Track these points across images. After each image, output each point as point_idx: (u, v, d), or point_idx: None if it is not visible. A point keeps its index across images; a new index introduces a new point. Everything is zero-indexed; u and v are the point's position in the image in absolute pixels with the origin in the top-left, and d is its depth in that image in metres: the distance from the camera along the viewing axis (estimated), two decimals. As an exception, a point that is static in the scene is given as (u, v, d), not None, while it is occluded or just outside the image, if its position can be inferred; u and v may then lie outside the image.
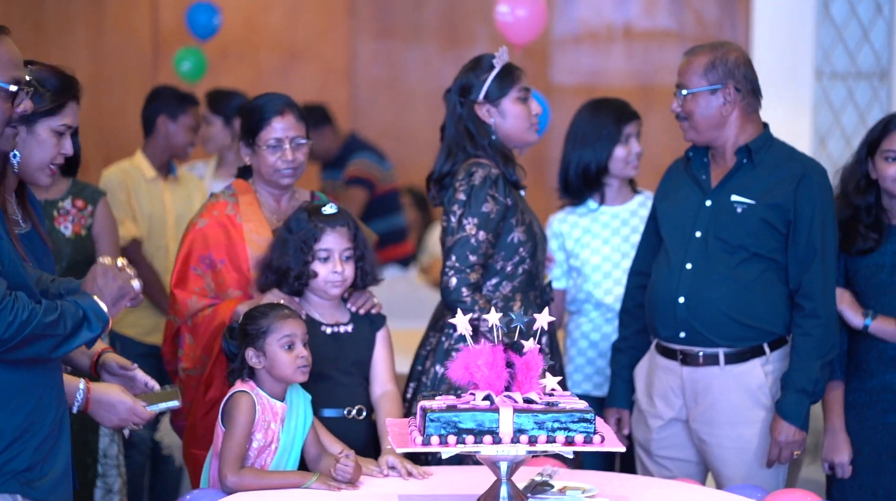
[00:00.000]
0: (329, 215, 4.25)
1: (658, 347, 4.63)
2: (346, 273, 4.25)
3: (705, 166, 4.62)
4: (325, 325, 4.26)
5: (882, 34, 7.98)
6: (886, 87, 7.90)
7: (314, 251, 4.22)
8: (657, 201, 4.72)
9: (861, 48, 7.99)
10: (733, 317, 4.47)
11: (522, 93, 4.58)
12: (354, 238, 4.28)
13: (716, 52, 4.49)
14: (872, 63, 7.98)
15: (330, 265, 4.23)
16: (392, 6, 9.54)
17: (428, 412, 3.39)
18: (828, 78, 7.99)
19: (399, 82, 9.45)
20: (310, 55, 9.48)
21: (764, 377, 4.49)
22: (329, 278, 4.23)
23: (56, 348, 3.18)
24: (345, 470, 3.77)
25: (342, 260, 4.24)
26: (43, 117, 3.55)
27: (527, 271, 4.55)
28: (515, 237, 4.52)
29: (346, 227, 4.27)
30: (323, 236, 4.23)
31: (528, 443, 3.40)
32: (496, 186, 4.47)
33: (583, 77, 9.11)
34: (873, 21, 7.97)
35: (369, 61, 9.55)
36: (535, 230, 4.58)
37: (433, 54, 9.45)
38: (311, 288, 4.27)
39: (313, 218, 4.25)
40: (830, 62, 7.99)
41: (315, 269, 4.23)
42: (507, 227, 4.50)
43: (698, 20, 9.01)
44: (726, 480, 4.48)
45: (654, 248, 4.70)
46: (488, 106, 4.57)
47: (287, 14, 9.53)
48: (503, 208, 4.48)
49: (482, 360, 3.47)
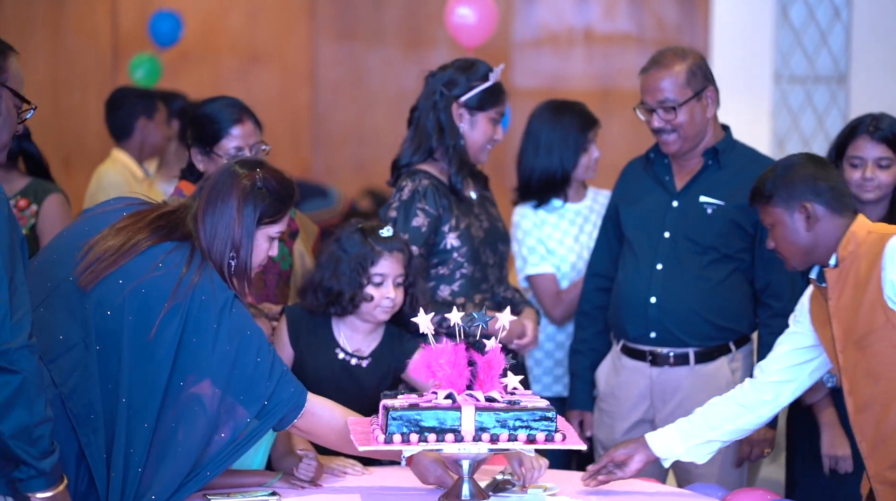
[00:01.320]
0: (386, 239, 4.15)
1: (624, 348, 4.65)
2: (398, 299, 4.14)
3: (667, 167, 4.64)
4: (339, 349, 4.18)
5: (840, 38, 8.03)
6: (844, 90, 7.95)
7: (369, 274, 4.12)
8: (618, 203, 4.73)
9: (819, 52, 8.04)
10: (704, 317, 4.50)
11: (498, 115, 4.60)
12: (408, 264, 4.19)
13: (687, 58, 4.50)
14: (830, 67, 8.03)
15: (383, 290, 4.13)
16: (353, 8, 9.53)
17: (390, 411, 3.40)
18: (786, 82, 8.04)
19: (361, 84, 9.44)
20: (271, 58, 9.46)
21: (731, 375, 4.53)
22: (380, 304, 4.13)
23: None
24: (307, 470, 3.77)
25: (395, 285, 4.14)
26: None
27: (467, 276, 4.54)
28: (448, 243, 4.51)
29: (402, 253, 4.17)
30: (380, 260, 4.13)
31: (489, 441, 3.41)
32: (425, 198, 4.48)
33: (543, 80, 9.13)
34: (831, 25, 8.02)
35: (331, 64, 9.54)
36: (472, 234, 4.55)
37: (395, 57, 9.45)
38: (358, 311, 4.16)
39: (370, 240, 4.14)
40: (789, 66, 8.04)
41: (369, 292, 4.13)
42: (440, 234, 4.51)
43: (658, 24, 9.05)
44: (693, 478, 4.50)
45: (613, 250, 4.73)
46: (465, 111, 4.56)
47: (247, 16, 9.51)
48: (434, 218, 4.49)
49: (444, 359, 3.47)
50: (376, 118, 9.19)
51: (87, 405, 3.39)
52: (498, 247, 4.66)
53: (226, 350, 3.43)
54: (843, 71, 7.96)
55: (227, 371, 3.43)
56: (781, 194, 3.67)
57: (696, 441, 3.90)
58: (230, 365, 3.43)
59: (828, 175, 3.70)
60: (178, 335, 3.40)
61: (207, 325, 3.42)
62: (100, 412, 3.39)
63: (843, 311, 3.64)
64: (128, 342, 3.40)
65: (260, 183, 3.58)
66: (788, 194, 3.67)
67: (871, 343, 3.60)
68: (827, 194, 3.66)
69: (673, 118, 4.49)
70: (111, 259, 3.46)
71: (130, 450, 3.39)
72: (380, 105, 9.33)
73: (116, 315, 3.42)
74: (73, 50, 9.34)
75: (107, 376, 3.40)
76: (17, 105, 3.21)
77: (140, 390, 3.40)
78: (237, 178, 3.59)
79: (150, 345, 3.40)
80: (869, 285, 3.58)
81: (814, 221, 3.65)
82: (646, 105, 4.53)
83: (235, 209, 3.55)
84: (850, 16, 7.95)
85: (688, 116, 4.49)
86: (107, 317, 3.42)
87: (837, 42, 8.04)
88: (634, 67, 4.74)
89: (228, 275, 3.55)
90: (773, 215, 3.70)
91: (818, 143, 7.98)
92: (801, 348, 3.86)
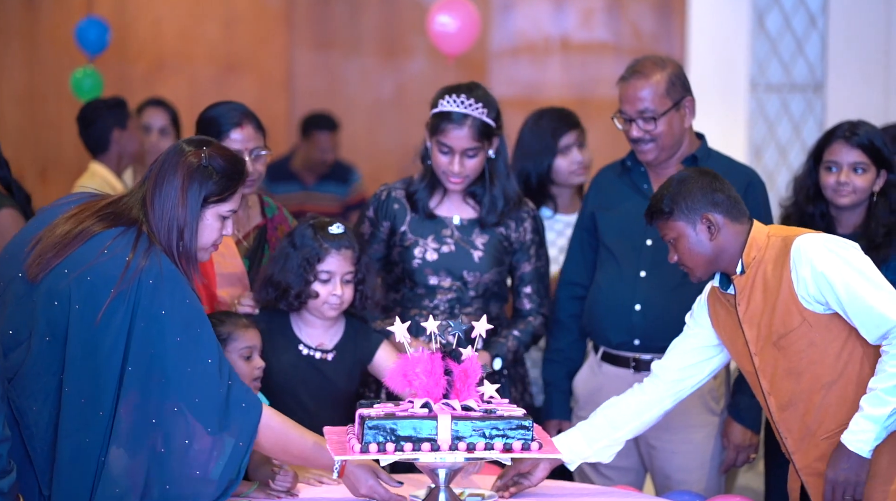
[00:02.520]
0: (335, 236, 4.17)
1: (605, 355, 4.65)
2: (346, 296, 4.16)
3: (644, 176, 4.64)
4: (303, 345, 4.20)
5: (816, 47, 8.06)
6: (821, 99, 7.98)
7: (316, 271, 4.14)
8: (595, 211, 4.72)
9: (795, 61, 8.07)
10: None
11: (441, 146, 4.41)
12: (357, 261, 4.20)
13: (667, 68, 4.50)
14: (807, 75, 8.05)
15: (330, 287, 4.14)
16: (330, 17, 9.52)
17: (366, 420, 3.38)
18: (762, 90, 8.06)
19: (338, 94, 9.43)
20: (247, 67, 9.44)
21: (712, 381, 4.55)
22: (328, 300, 4.15)
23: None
24: (284, 481, 3.76)
25: (343, 282, 4.16)
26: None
27: (408, 290, 4.53)
28: (380, 253, 4.53)
29: (351, 249, 4.18)
30: (327, 257, 4.14)
31: (466, 450, 3.40)
32: (375, 208, 4.50)
33: (521, 89, 9.13)
34: (807, 34, 8.05)
35: (308, 72, 9.53)
36: (414, 254, 4.48)
37: (372, 65, 9.45)
38: (307, 307, 4.18)
39: (319, 237, 4.15)
40: (765, 75, 8.06)
41: (316, 289, 4.16)
42: (375, 246, 4.52)
43: (635, 33, 9.06)
44: (675, 485, 4.51)
45: (587, 258, 4.72)
46: (427, 131, 4.51)
47: (223, 25, 9.49)
48: (374, 228, 4.50)
49: (420, 368, 3.46)
50: (353, 127, 9.18)
51: (29, 397, 3.37)
52: (462, 276, 4.51)
53: (176, 341, 3.40)
54: (819, 79, 7.98)
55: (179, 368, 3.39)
56: (682, 207, 3.77)
57: (603, 442, 3.98)
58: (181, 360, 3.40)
59: (721, 186, 3.81)
60: (127, 321, 3.36)
61: (156, 311, 3.38)
62: (42, 405, 3.36)
63: (755, 316, 3.76)
64: (74, 330, 3.37)
65: (206, 161, 3.52)
66: (688, 207, 3.76)
67: (791, 343, 3.72)
68: (724, 204, 3.78)
69: (653, 129, 4.48)
70: (57, 249, 3.43)
71: (86, 440, 3.36)
72: (357, 114, 9.32)
73: (63, 305, 3.39)
74: (49, 60, 9.31)
75: (57, 367, 3.38)
76: None
77: (91, 378, 3.37)
78: (183, 156, 3.53)
79: (97, 332, 3.36)
80: (781, 287, 3.69)
81: (716, 230, 3.75)
82: (624, 114, 4.52)
83: (180, 188, 3.50)
84: (825, 24, 7.98)
85: (667, 127, 4.49)
86: (54, 307, 3.39)
87: (813, 50, 8.06)
88: (611, 75, 4.74)
89: (178, 257, 3.50)
90: (675, 229, 3.79)
91: (794, 151, 8.00)
92: (702, 347, 3.97)
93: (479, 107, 4.37)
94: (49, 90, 9.25)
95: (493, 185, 4.50)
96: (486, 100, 4.42)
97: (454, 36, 6.02)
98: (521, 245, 4.54)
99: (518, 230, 4.55)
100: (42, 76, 9.29)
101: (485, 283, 4.51)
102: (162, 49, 8.82)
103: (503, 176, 4.52)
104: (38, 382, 3.37)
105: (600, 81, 8.85)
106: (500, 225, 4.53)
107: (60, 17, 9.37)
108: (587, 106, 8.58)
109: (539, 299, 4.59)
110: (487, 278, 4.51)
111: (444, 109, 4.39)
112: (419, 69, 9.24)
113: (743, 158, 7.41)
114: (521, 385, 4.69)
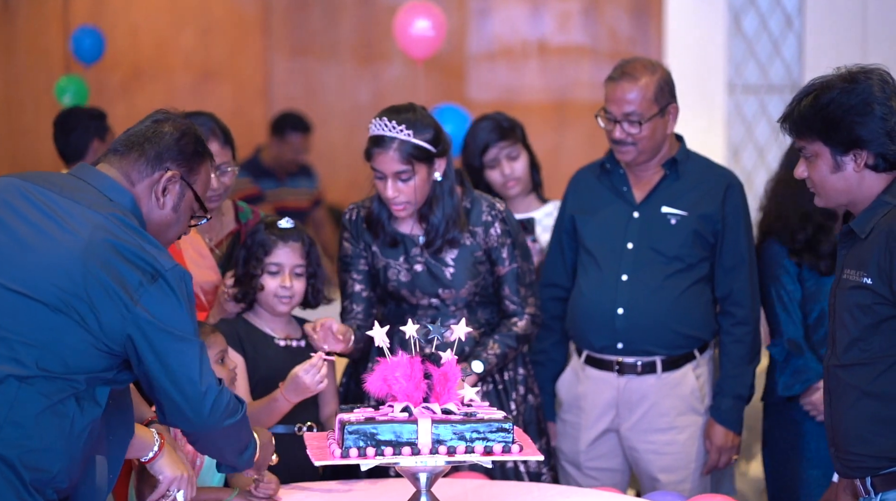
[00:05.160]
0: (283, 230, 4.23)
1: (588, 359, 4.64)
2: (295, 288, 4.23)
3: (623, 178, 4.64)
4: (275, 338, 4.26)
5: (793, 48, 8.07)
6: (798, 99, 7.98)
7: (264, 264, 4.21)
8: (574, 214, 4.70)
9: (772, 62, 8.08)
10: (671, 326, 4.52)
11: (375, 171, 4.28)
12: (307, 255, 4.25)
13: (656, 73, 4.48)
14: (784, 76, 8.06)
15: (278, 280, 4.21)
16: (306, 24, 9.52)
17: (346, 425, 3.37)
18: (740, 91, 8.07)
19: (315, 100, 9.43)
20: (224, 74, 9.44)
21: (696, 381, 4.55)
22: (277, 293, 4.21)
23: None
24: (266, 489, 3.75)
25: (292, 275, 4.22)
26: None
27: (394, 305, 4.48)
28: (366, 269, 4.47)
29: (300, 242, 4.24)
30: (274, 249, 4.21)
31: (447, 454, 3.39)
32: (347, 229, 4.44)
33: (498, 93, 9.13)
34: (784, 35, 8.06)
35: (285, 80, 9.52)
36: (388, 277, 4.41)
37: (349, 72, 9.44)
38: (260, 302, 4.25)
39: (268, 231, 4.23)
40: (742, 76, 8.07)
41: (263, 282, 4.21)
42: (362, 262, 4.46)
43: (611, 36, 9.06)
44: (661, 486, 4.52)
45: (567, 260, 4.72)
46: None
47: (200, 33, 9.48)
48: (353, 246, 4.44)
49: (400, 372, 3.45)
50: (331, 133, 9.18)
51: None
52: (438, 294, 4.43)
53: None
54: (796, 80, 7.99)
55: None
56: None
57: None
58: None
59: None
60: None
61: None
62: None
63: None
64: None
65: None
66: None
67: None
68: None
69: (636, 132, 4.47)
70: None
71: None
72: (334, 120, 9.32)
73: None
74: (26, 70, 9.29)
75: None
76: (194, 209, 3.31)
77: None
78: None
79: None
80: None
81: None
82: (610, 115, 4.51)
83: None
84: (802, 25, 7.99)
85: (650, 131, 4.48)
86: None
87: (790, 51, 8.07)
88: (589, 78, 4.74)
89: None
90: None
91: (773, 152, 8.01)
92: None
93: (402, 128, 4.19)
94: (26, 99, 9.23)
95: (433, 211, 4.34)
96: (415, 122, 4.23)
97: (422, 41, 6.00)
98: (493, 250, 4.43)
99: (487, 236, 4.42)
100: (18, 85, 9.27)
101: (463, 297, 4.43)
102: (139, 57, 8.80)
103: (446, 199, 4.34)
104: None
105: (578, 84, 8.85)
106: (469, 236, 4.40)
107: (38, 26, 9.36)
108: (564, 109, 8.59)
109: (520, 299, 4.47)
110: (465, 292, 4.42)
111: (372, 133, 4.25)
112: (396, 75, 9.24)
113: (721, 160, 7.41)
114: (525, 387, 4.58)
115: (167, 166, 3.23)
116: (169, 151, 3.24)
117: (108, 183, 3.20)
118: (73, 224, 3.08)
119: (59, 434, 3.05)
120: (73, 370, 3.05)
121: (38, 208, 3.12)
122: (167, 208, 3.25)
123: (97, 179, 3.20)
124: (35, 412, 3.02)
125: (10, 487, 3.01)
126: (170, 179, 3.23)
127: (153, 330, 3.07)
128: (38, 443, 3.02)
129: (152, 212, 3.23)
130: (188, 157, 3.26)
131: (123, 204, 3.17)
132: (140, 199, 3.21)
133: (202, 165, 3.30)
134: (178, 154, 3.25)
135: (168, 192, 3.23)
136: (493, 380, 4.48)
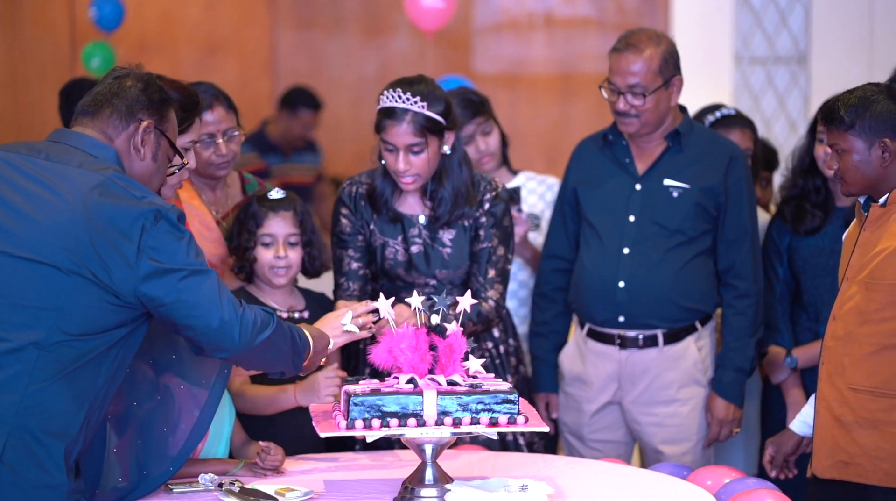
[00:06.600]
0: (273, 200, 4.23)
1: (590, 332, 4.64)
2: (291, 258, 4.21)
3: (626, 150, 4.63)
4: (280, 311, 4.23)
5: (800, 19, 8.05)
6: (805, 71, 7.97)
7: (257, 236, 4.20)
8: (577, 185, 4.69)
9: (779, 33, 8.06)
10: (672, 299, 4.52)
11: (386, 144, 4.23)
12: (301, 223, 4.24)
13: (661, 44, 4.46)
14: (791, 48, 8.05)
15: (273, 250, 4.20)
16: (312, -4, 9.51)
17: (351, 397, 3.38)
18: (747, 63, 8.05)
19: (321, 73, 9.41)
20: (229, 48, 9.41)
21: (697, 353, 4.55)
22: (272, 264, 4.20)
23: None
24: (273, 460, 3.75)
25: (286, 245, 4.21)
26: None
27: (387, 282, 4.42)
28: (363, 245, 4.40)
29: (292, 211, 4.23)
30: (266, 220, 4.21)
31: (452, 425, 3.39)
32: (346, 204, 4.36)
33: (505, 66, 9.11)
34: (791, 6, 8.04)
35: (290, 53, 9.50)
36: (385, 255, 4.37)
37: (354, 44, 9.42)
38: (258, 275, 4.24)
39: (258, 202, 4.23)
40: (749, 47, 8.05)
41: (257, 254, 4.20)
42: (359, 238, 4.39)
43: (618, 7, 9.03)
44: (664, 458, 4.52)
45: (570, 231, 4.71)
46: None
47: (205, 6, 9.45)
48: (351, 222, 4.37)
49: (405, 343, 3.46)
50: (337, 107, 9.16)
51: None
52: (435, 274, 4.37)
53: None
54: (803, 51, 7.97)
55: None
56: (864, 125, 3.66)
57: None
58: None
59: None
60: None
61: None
62: None
63: (869, 246, 3.67)
64: None
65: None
66: (870, 127, 3.66)
67: (875, 291, 3.64)
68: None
69: (640, 104, 4.46)
70: None
71: None
72: (340, 93, 9.29)
73: None
74: (31, 44, 9.27)
75: None
76: (170, 157, 3.36)
77: None
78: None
79: None
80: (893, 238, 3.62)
81: (889, 157, 3.66)
82: (613, 86, 4.50)
83: None
84: (809, -4, 7.98)
85: (654, 104, 4.47)
86: None
87: (797, 22, 8.05)
88: (595, 51, 4.72)
89: None
90: (848, 143, 3.69)
91: (780, 124, 8.00)
92: None
93: (416, 100, 4.15)
94: (31, 74, 9.21)
95: (443, 184, 4.29)
96: (428, 94, 4.19)
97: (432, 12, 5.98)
98: (480, 226, 4.35)
99: (479, 213, 4.35)
100: (24, 59, 9.25)
101: (460, 276, 4.38)
102: (144, 31, 8.78)
103: (455, 172, 4.30)
104: None
105: (584, 56, 8.82)
106: (465, 217, 4.34)
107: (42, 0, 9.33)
108: (571, 82, 8.56)
109: (483, 279, 4.35)
110: (461, 272, 4.37)
111: (384, 105, 4.20)
112: (402, 47, 9.21)
113: (728, 132, 7.40)
114: (516, 358, 4.64)
115: (140, 118, 3.29)
116: (138, 103, 3.29)
117: (89, 142, 3.26)
118: (67, 187, 3.14)
119: (74, 397, 3.10)
120: (92, 329, 3.11)
121: (30, 177, 3.17)
122: (147, 158, 3.30)
123: (78, 141, 3.27)
124: (54, 377, 3.07)
125: (32, 457, 3.07)
126: (145, 130, 3.29)
127: (165, 271, 3.12)
128: (58, 406, 3.08)
129: (133, 164, 3.29)
130: (157, 105, 3.32)
131: (108, 160, 3.23)
132: (121, 153, 3.27)
133: (170, 111, 3.36)
134: (148, 104, 3.30)
135: (145, 142, 3.29)
136: (491, 354, 4.47)
